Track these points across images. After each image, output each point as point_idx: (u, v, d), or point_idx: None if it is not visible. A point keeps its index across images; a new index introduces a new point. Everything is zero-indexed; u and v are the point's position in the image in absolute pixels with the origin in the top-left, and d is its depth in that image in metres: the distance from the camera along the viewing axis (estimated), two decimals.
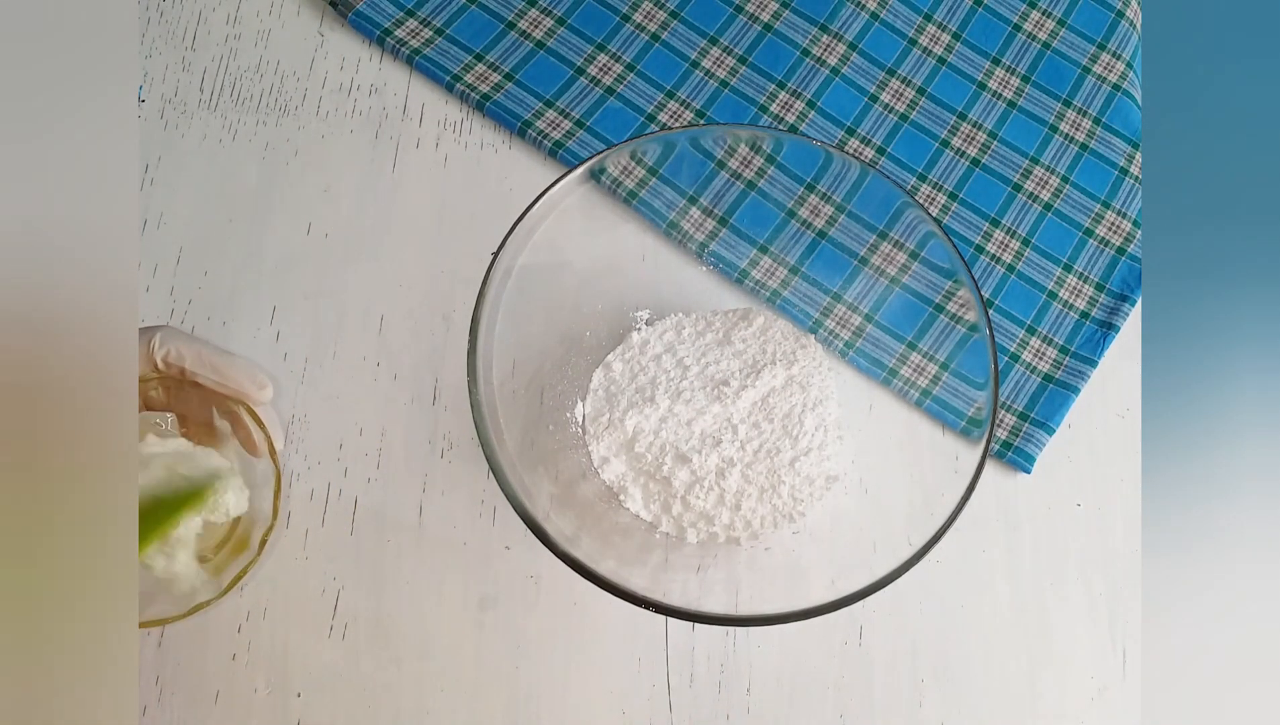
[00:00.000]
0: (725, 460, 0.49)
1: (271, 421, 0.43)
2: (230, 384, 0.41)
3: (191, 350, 0.41)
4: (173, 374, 0.41)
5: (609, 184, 0.55)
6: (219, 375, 0.41)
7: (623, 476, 0.50)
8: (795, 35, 0.63)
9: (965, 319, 0.48)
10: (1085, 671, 0.52)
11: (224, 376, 0.41)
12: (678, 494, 0.49)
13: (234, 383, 0.41)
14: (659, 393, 0.51)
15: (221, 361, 0.41)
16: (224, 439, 0.44)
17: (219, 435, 0.44)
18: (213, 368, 0.41)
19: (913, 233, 0.49)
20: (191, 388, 0.42)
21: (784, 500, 0.49)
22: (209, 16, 0.62)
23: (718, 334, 0.53)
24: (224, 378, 0.41)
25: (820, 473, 0.50)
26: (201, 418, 0.43)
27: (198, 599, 0.41)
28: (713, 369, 0.52)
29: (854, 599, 0.41)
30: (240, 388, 0.41)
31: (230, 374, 0.41)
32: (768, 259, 0.57)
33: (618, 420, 0.50)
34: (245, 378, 0.41)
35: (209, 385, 0.41)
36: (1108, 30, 0.64)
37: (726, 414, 0.50)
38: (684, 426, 0.50)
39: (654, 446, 0.50)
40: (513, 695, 0.50)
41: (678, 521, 0.49)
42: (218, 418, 0.43)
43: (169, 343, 0.41)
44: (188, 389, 0.42)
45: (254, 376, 0.42)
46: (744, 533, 0.49)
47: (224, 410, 0.43)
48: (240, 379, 0.41)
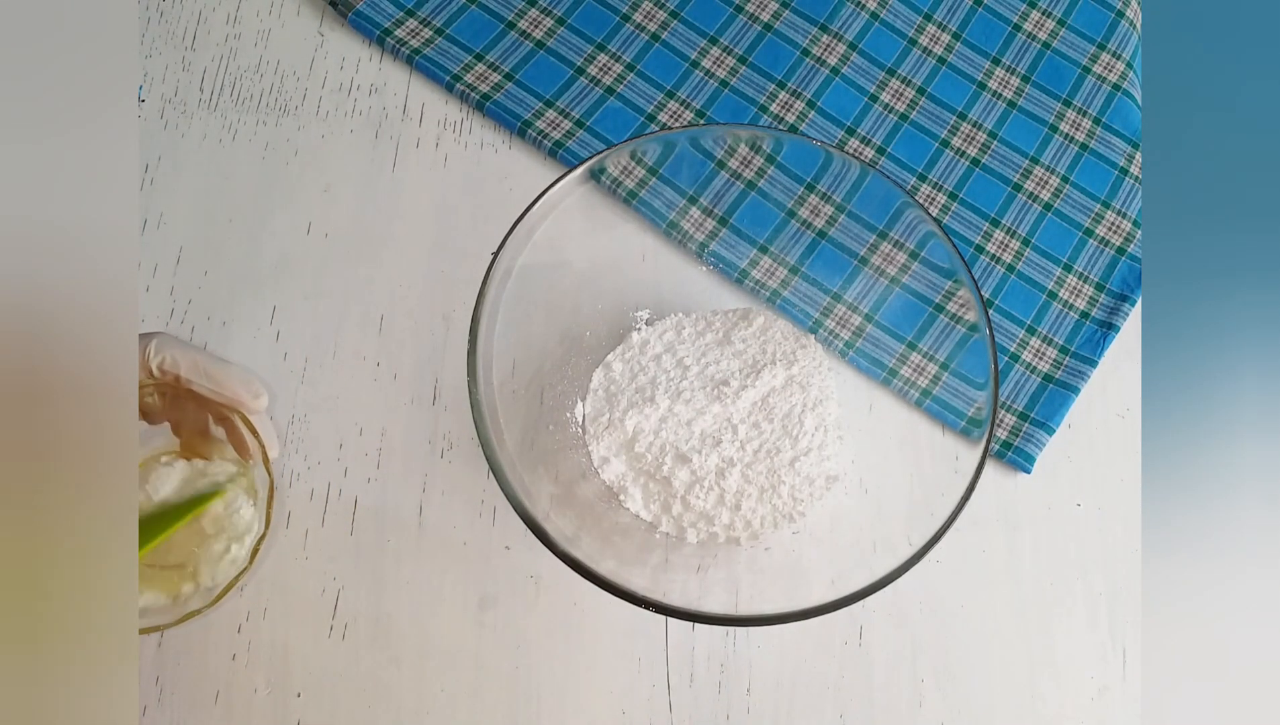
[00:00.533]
0: (725, 460, 0.49)
1: (266, 430, 0.43)
2: (225, 392, 0.41)
3: (187, 358, 0.41)
4: (168, 381, 0.41)
5: (609, 184, 0.55)
6: (214, 383, 0.41)
7: (623, 476, 0.50)
8: (795, 35, 0.63)
9: (965, 319, 0.48)
10: (1085, 671, 0.52)
11: (219, 384, 0.41)
12: (678, 494, 0.49)
13: (229, 391, 0.41)
14: (659, 393, 0.51)
15: (216, 369, 0.41)
16: (219, 447, 0.44)
17: (214, 443, 0.44)
18: (207, 376, 0.41)
19: (913, 233, 0.49)
20: (187, 395, 0.42)
21: (784, 500, 0.49)
22: (209, 16, 0.62)
23: (718, 334, 0.53)
24: (219, 386, 0.41)
25: (820, 473, 0.50)
26: (197, 426, 0.43)
27: (190, 607, 0.41)
28: (713, 369, 0.52)
29: (854, 599, 0.41)
30: (235, 396, 0.41)
31: (225, 382, 0.41)
32: (767, 259, 0.57)
33: (618, 420, 0.50)
34: (240, 386, 0.41)
35: (204, 393, 0.41)
36: (1108, 30, 0.64)
37: (726, 414, 0.50)
38: (684, 426, 0.50)
39: (654, 446, 0.50)
40: (513, 695, 0.50)
41: (678, 521, 0.49)
42: (213, 425, 0.43)
43: (165, 350, 0.40)
44: (183, 397, 0.42)
45: (249, 385, 0.42)
46: (744, 533, 0.49)
47: (219, 418, 0.43)
48: (235, 387, 0.41)
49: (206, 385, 0.41)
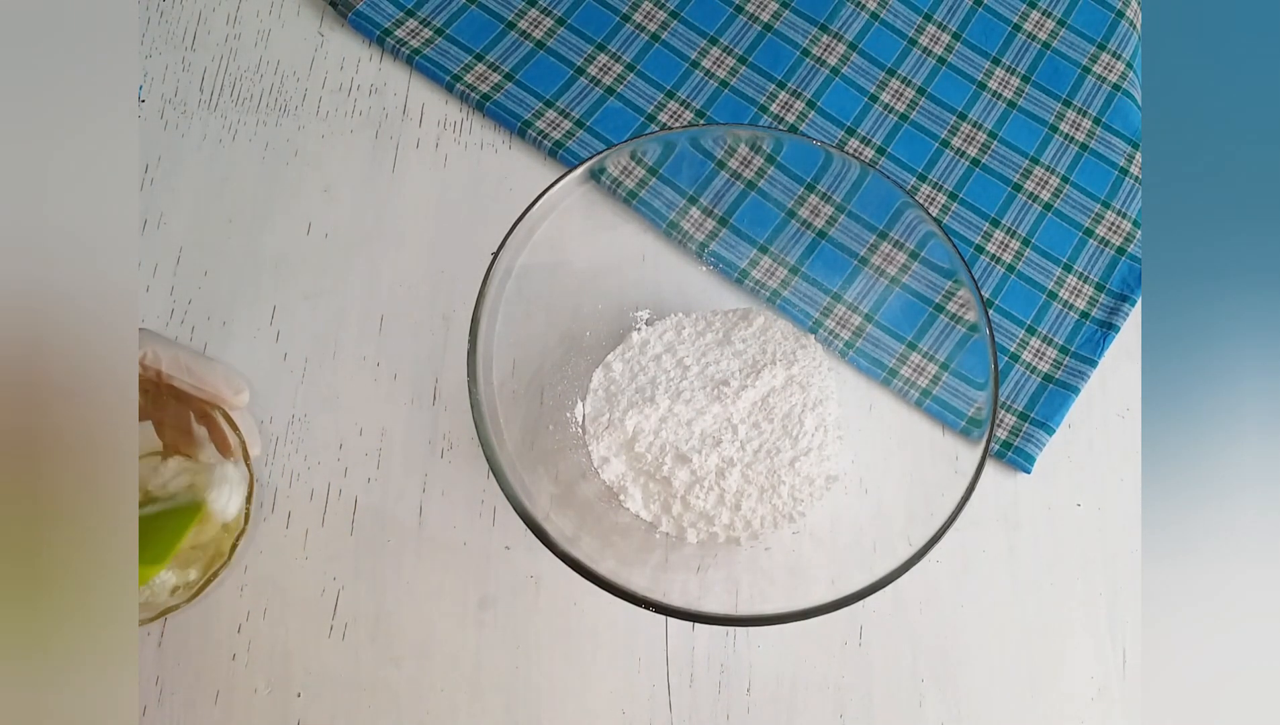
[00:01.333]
0: (725, 460, 0.49)
1: (248, 427, 0.43)
2: (206, 388, 0.41)
3: (168, 353, 0.40)
4: (149, 376, 0.40)
5: (609, 184, 0.55)
6: (195, 378, 0.41)
7: (623, 476, 0.50)
8: (795, 35, 0.63)
9: (965, 319, 0.48)
10: (1085, 672, 0.52)
11: (200, 380, 0.41)
12: (678, 494, 0.49)
13: (209, 386, 0.41)
14: (659, 393, 0.51)
15: (198, 365, 0.41)
16: (201, 444, 0.44)
17: (196, 441, 0.44)
18: (189, 371, 0.40)
19: (912, 233, 0.49)
20: (168, 392, 0.41)
21: (784, 500, 0.49)
22: (209, 16, 0.62)
23: (718, 334, 0.53)
24: (200, 382, 0.41)
25: (820, 473, 0.50)
26: (179, 423, 0.43)
27: (168, 603, 0.41)
28: (713, 369, 0.52)
29: (854, 599, 0.41)
30: (216, 392, 0.41)
31: (206, 378, 0.41)
32: (768, 259, 0.57)
33: (618, 420, 0.50)
34: (221, 382, 0.41)
35: (185, 388, 0.41)
36: (1108, 30, 0.64)
37: (726, 414, 0.50)
38: (684, 426, 0.50)
39: (654, 446, 0.50)
40: (513, 695, 0.50)
41: (678, 521, 0.49)
42: (194, 423, 0.43)
43: (146, 345, 0.40)
44: (164, 394, 0.42)
45: (230, 381, 0.41)
46: (744, 533, 0.49)
47: (200, 415, 0.43)
48: (216, 383, 0.41)
49: (188, 381, 0.40)
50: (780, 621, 0.40)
